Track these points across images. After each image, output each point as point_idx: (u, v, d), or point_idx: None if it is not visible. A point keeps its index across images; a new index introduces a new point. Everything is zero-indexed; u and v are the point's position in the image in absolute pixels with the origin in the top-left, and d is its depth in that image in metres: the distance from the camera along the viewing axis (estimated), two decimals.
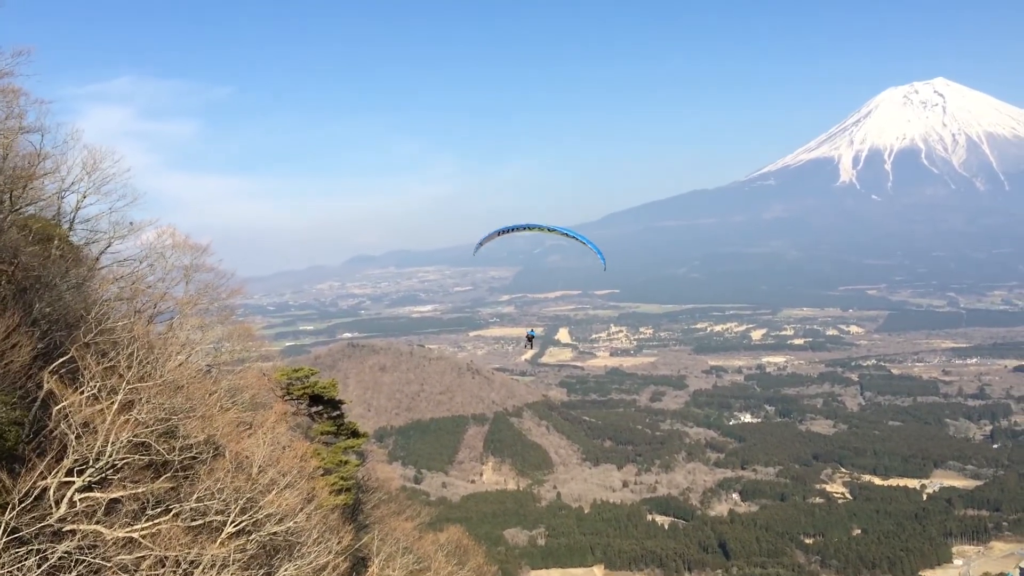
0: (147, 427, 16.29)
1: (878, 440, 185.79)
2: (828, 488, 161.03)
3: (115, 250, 26.53)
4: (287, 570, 19.15)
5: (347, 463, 32.69)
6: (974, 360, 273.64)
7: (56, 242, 22.44)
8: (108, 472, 15.50)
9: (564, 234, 32.01)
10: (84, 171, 24.92)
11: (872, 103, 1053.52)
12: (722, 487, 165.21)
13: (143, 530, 15.37)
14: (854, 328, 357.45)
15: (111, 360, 17.30)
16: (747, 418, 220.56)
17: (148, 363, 18.15)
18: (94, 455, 15.20)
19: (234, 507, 17.35)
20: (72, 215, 25.56)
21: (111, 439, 15.37)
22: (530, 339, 51.11)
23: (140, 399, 16.68)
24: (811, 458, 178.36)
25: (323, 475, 29.23)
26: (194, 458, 17.95)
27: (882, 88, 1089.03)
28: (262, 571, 18.48)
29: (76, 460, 15.12)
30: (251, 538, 17.62)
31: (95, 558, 14.64)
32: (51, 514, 14.43)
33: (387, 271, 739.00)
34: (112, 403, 15.89)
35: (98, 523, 15.00)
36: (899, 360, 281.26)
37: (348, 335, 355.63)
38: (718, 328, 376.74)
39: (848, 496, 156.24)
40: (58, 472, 14.85)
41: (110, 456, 15.37)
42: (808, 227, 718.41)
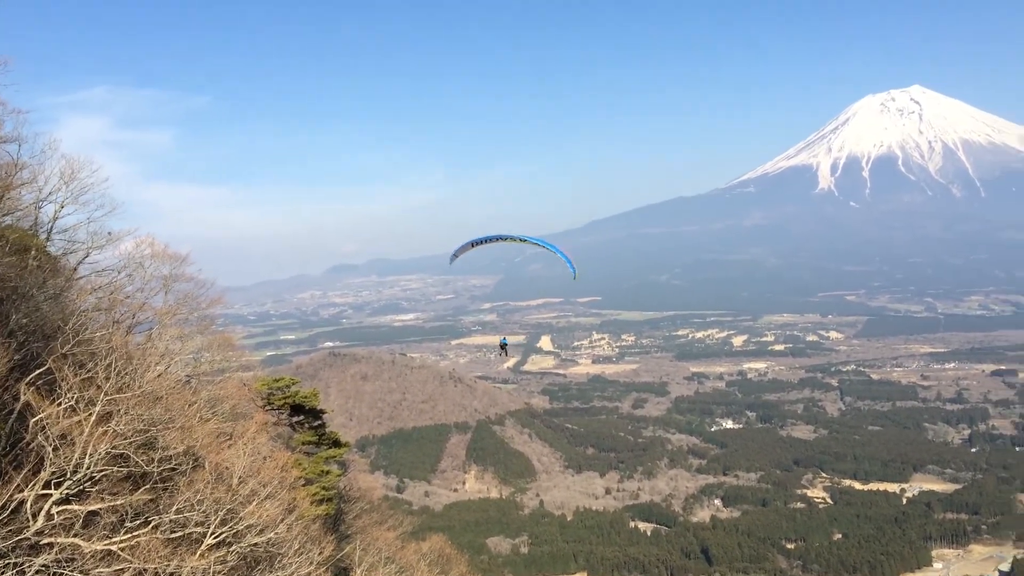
0: (126, 438, 16.16)
1: (858, 445, 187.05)
2: (809, 493, 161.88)
3: (93, 260, 26.33)
4: None
5: (329, 473, 32.55)
6: (952, 365, 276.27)
7: (33, 252, 22.23)
8: (86, 484, 15.36)
9: (535, 244, 32.11)
10: (62, 181, 24.75)
11: (850, 111, 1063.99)
12: (704, 493, 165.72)
13: (122, 543, 15.24)
14: (834, 334, 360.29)
15: (89, 371, 17.16)
16: (729, 424, 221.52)
17: (126, 374, 18.02)
18: (72, 467, 15.07)
19: (214, 518, 17.24)
20: (50, 225, 25.36)
21: (89, 451, 15.24)
22: (503, 347, 50.56)
23: (118, 410, 16.55)
24: (792, 463, 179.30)
25: (304, 485, 29.09)
26: (173, 469, 17.82)
27: (860, 96, 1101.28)
28: None
29: (53, 472, 14.98)
30: (231, 550, 17.51)
31: (73, 571, 14.51)
32: (28, 527, 14.29)
33: (369, 280, 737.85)
34: (90, 415, 15.77)
35: (76, 536, 14.86)
36: (878, 365, 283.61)
37: (330, 344, 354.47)
38: (699, 335, 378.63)
39: (829, 501, 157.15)
40: (35, 485, 14.71)
41: (88, 468, 15.24)
42: (788, 234, 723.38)
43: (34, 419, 15.48)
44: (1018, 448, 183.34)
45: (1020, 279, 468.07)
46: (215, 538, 17.10)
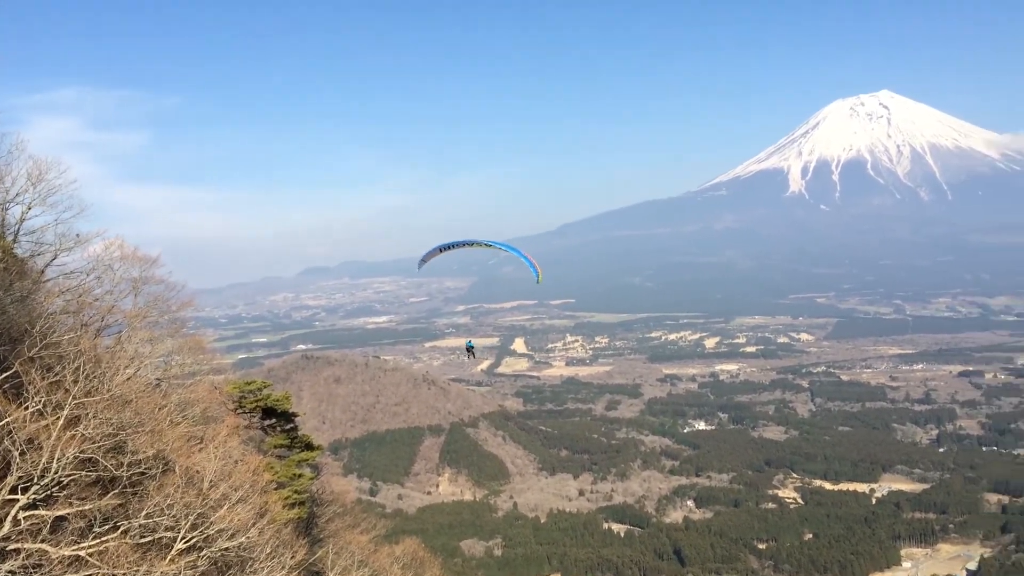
0: (94, 443, 15.99)
1: (828, 445, 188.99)
2: (780, 493, 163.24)
3: (61, 262, 25.91)
4: None
5: (301, 476, 32.38)
6: (920, 366, 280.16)
7: (0, 254, 21.94)
8: (54, 489, 15.18)
9: (499, 248, 32.33)
10: (29, 182, 24.37)
11: (820, 115, 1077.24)
12: (677, 494, 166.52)
13: (90, 548, 15.08)
14: (804, 335, 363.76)
15: (56, 375, 16.96)
16: (701, 425, 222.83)
17: (95, 377, 17.82)
18: (39, 472, 14.89)
19: (184, 523, 17.10)
20: (16, 227, 24.96)
21: (57, 455, 15.07)
22: (469, 350, 50.28)
23: (87, 414, 16.38)
24: (764, 464, 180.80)
25: (276, 489, 28.91)
26: (143, 474, 17.65)
27: (829, 100, 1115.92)
28: None
29: (20, 477, 14.79)
30: (202, 554, 17.38)
31: None
32: None
33: (341, 282, 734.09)
34: (58, 419, 15.59)
35: (43, 541, 14.69)
36: (848, 366, 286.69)
37: (302, 347, 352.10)
38: (672, 337, 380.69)
39: (800, 501, 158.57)
40: (2, 490, 14.52)
41: (56, 473, 15.06)
42: (759, 237, 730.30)
43: (0, 423, 15.28)
44: (985, 448, 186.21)
45: (986, 281, 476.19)
46: (185, 543, 16.96)
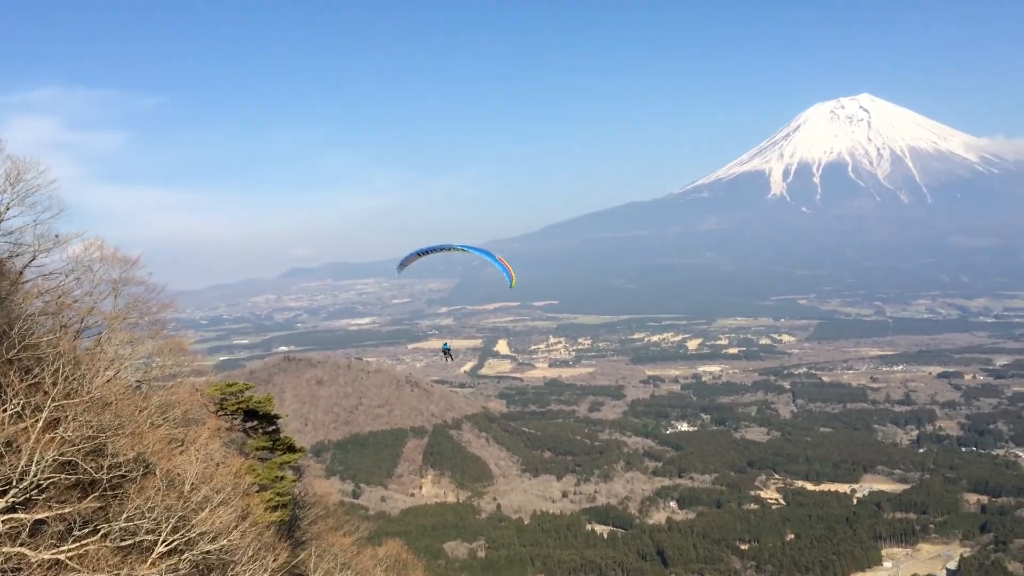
0: (74, 445, 15.86)
1: (810, 446, 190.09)
2: (762, 494, 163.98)
3: (40, 263, 25.68)
4: None
5: (283, 479, 32.21)
6: (900, 367, 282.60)
7: None
8: (33, 492, 15.03)
9: (474, 253, 32.47)
10: (7, 182, 24.12)
11: (801, 117, 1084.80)
12: (660, 495, 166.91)
13: (70, 552, 14.94)
14: (786, 337, 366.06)
15: (35, 377, 16.82)
16: (684, 427, 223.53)
17: (74, 379, 17.67)
18: (18, 475, 14.74)
19: (165, 526, 16.97)
20: None
21: (36, 458, 14.92)
22: (446, 352, 49.99)
23: (66, 416, 16.23)
24: (746, 465, 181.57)
25: (258, 491, 28.75)
26: (123, 476, 17.51)
27: (810, 103, 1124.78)
28: None
29: None
30: (183, 557, 17.25)
31: None
32: None
33: (324, 284, 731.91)
34: (37, 421, 15.44)
35: (22, 545, 14.53)
36: (829, 368, 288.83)
37: (284, 349, 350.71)
38: (655, 338, 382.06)
39: (782, 502, 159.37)
40: None
41: (35, 476, 14.92)
42: (741, 239, 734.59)
43: None
44: (964, 449, 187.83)
45: (964, 283, 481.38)
46: (166, 546, 16.83)
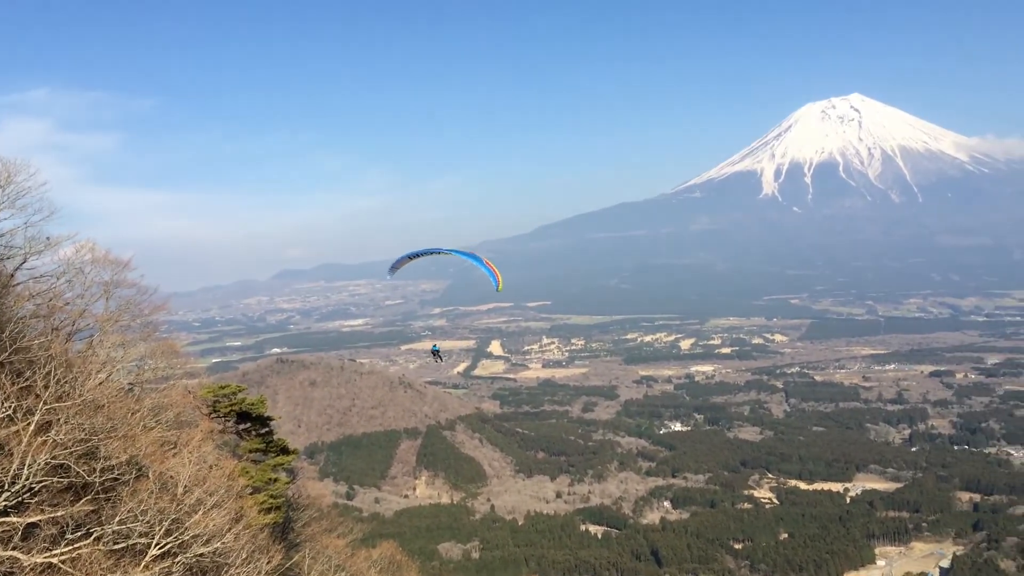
0: (66, 448, 15.78)
1: (803, 446, 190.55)
2: (756, 494, 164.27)
3: (31, 266, 25.54)
4: None
5: (277, 481, 32.11)
6: (892, 366, 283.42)
7: None
8: (25, 496, 14.96)
9: (462, 257, 32.62)
10: None
11: (792, 117, 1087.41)
12: (654, 495, 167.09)
13: (63, 555, 14.87)
14: (778, 336, 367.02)
15: (27, 380, 16.74)
16: (677, 427, 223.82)
17: (66, 382, 17.59)
18: (9, 478, 14.66)
19: (158, 529, 16.90)
20: None
21: (28, 461, 14.85)
22: (435, 354, 49.96)
23: (58, 419, 16.16)
24: (739, 464, 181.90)
25: (252, 494, 28.67)
26: (116, 479, 17.43)
27: (801, 103, 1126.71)
28: None
29: None
30: (176, 560, 17.18)
31: None
32: None
33: (316, 285, 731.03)
34: (28, 424, 15.37)
35: (15, 549, 14.46)
36: (821, 367, 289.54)
37: (277, 350, 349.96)
38: (648, 338, 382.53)
39: (775, 501, 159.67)
40: None
41: (27, 479, 14.84)
42: (733, 239, 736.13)
43: None
44: (956, 447, 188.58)
45: (955, 282, 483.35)
46: (160, 549, 16.76)
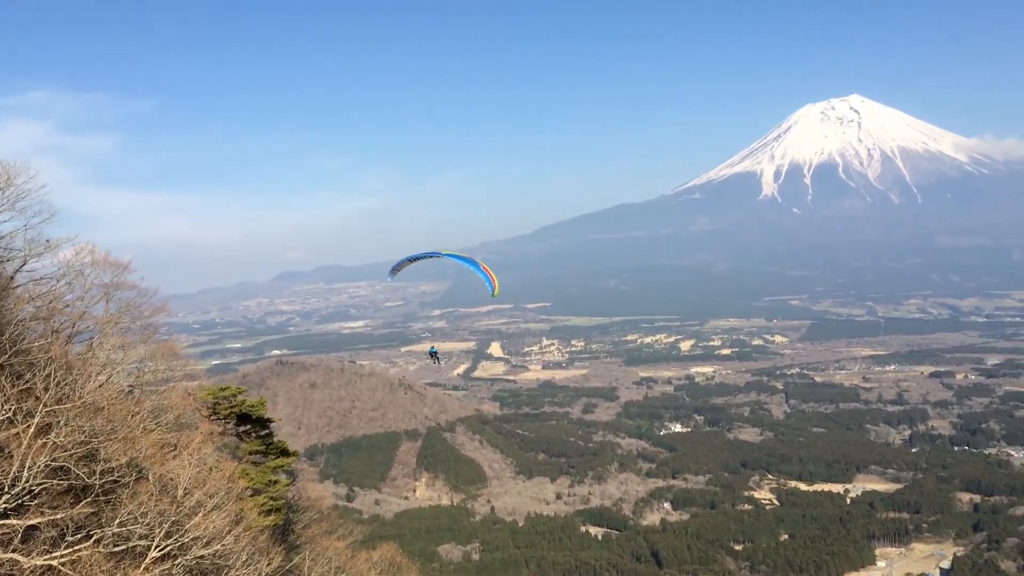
0: (66, 451, 15.78)
1: (803, 447, 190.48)
2: (756, 495, 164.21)
3: (31, 268, 25.53)
4: None
5: (277, 483, 32.10)
6: (892, 367, 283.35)
7: None
8: (25, 498, 14.95)
9: (457, 261, 32.80)
10: None
11: (791, 119, 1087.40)
12: (654, 496, 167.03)
13: (63, 558, 14.86)
14: (778, 338, 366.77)
15: (27, 382, 16.73)
16: (677, 428, 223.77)
17: (66, 384, 17.59)
18: (9, 481, 14.66)
19: (158, 531, 16.89)
20: None
21: (28, 464, 14.84)
22: (433, 355, 49.81)
23: (58, 422, 16.16)
24: (739, 466, 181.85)
25: (252, 496, 28.66)
26: (116, 481, 17.42)
27: (801, 104, 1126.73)
28: None
29: None
30: (177, 562, 17.17)
31: None
32: None
33: (316, 287, 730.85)
34: (28, 426, 15.36)
35: (15, 551, 14.45)
36: (821, 368, 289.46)
37: (277, 352, 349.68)
38: (648, 340, 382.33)
39: (775, 502, 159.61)
40: None
41: (27, 481, 14.84)
42: (733, 240, 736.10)
43: None
44: (956, 448, 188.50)
45: (954, 283, 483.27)
46: (160, 551, 16.75)
